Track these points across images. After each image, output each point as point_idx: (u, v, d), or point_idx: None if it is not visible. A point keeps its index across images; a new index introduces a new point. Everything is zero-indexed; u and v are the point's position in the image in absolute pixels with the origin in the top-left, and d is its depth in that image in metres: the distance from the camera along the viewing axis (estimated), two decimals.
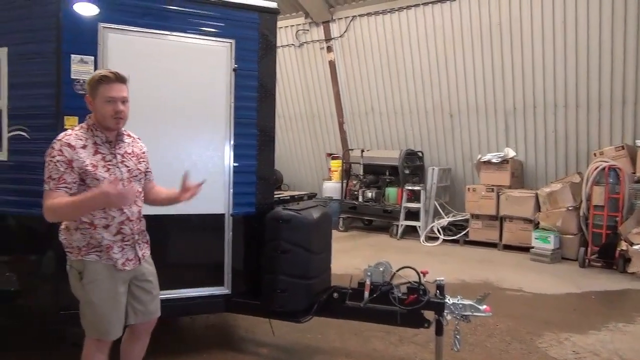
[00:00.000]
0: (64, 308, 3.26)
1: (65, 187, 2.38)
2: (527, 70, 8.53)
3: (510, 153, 8.55)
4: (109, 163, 2.53)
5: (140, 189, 2.70)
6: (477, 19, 8.73)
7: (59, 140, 2.45)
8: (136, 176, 2.66)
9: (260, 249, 3.69)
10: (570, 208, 7.60)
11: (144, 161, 2.74)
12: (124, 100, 2.52)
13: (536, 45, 8.32)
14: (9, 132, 3.38)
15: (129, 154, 2.65)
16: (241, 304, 3.77)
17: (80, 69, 3.23)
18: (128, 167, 2.61)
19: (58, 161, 2.39)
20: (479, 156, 8.82)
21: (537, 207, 7.99)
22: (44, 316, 3.43)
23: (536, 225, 7.90)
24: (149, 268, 2.78)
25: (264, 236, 3.68)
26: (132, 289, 2.69)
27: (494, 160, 8.51)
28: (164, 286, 2.93)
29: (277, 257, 3.57)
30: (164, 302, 2.93)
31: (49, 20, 3.24)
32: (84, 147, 2.46)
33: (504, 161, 8.48)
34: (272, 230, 3.63)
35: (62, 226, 2.58)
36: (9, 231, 3.58)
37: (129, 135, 2.71)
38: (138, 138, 2.78)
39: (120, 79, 2.51)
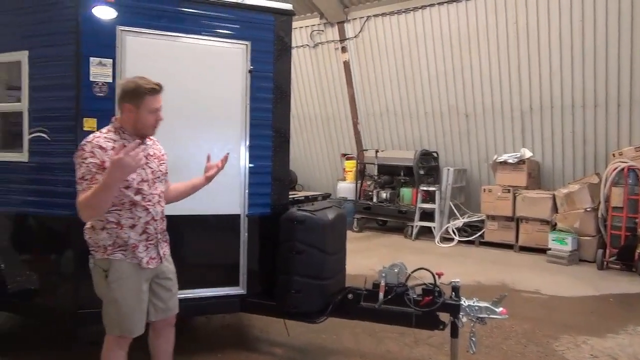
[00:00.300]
0: (82, 307, 3.32)
1: None
2: (544, 69, 8.43)
3: (527, 154, 8.46)
4: None
5: (163, 190, 2.79)
6: (493, 18, 8.66)
7: (90, 142, 2.51)
8: (158, 177, 2.75)
9: (275, 250, 3.70)
10: (588, 209, 7.50)
11: (164, 163, 2.83)
12: (161, 109, 2.66)
13: (553, 43, 8.22)
14: (30, 133, 3.45)
15: (152, 155, 2.74)
16: (256, 304, 3.79)
17: (99, 71, 3.28)
18: (152, 168, 2.70)
19: (90, 162, 2.45)
20: (495, 157, 8.74)
21: (555, 209, 7.90)
22: (63, 315, 3.49)
23: (553, 227, 7.81)
24: (169, 266, 2.86)
25: (279, 237, 3.69)
26: (153, 287, 2.76)
27: (510, 161, 8.43)
28: (180, 286, 2.97)
29: (291, 257, 3.58)
30: (180, 301, 2.97)
31: (68, 23, 3.30)
32: (113, 148, 2.50)
33: (521, 162, 8.39)
34: (287, 231, 3.64)
35: (88, 225, 2.63)
36: (29, 231, 3.65)
37: (149, 138, 2.78)
38: (157, 141, 2.85)
39: (162, 88, 2.63)
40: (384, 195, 9.79)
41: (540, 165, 8.91)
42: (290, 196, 4.22)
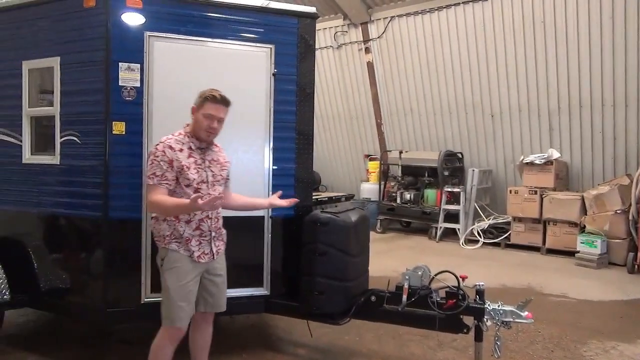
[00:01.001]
0: (111, 305, 3.41)
1: (167, 183, 2.77)
2: (572, 67, 8.24)
3: (555, 154, 8.30)
4: (199, 166, 2.88)
5: (221, 192, 2.99)
6: (519, 15, 8.51)
7: (162, 142, 2.83)
8: (218, 181, 2.99)
9: (298, 251, 3.73)
10: (618, 211, 7.30)
11: (225, 169, 3.07)
12: (220, 120, 2.90)
13: (582, 40, 8.03)
14: (61, 137, 3.55)
15: (215, 161, 2.99)
16: (280, 305, 3.83)
17: (128, 76, 3.35)
18: (213, 172, 2.95)
19: (161, 160, 2.77)
20: (522, 157, 8.60)
21: (583, 210, 7.72)
22: (92, 313, 3.58)
23: (582, 229, 7.64)
24: (222, 264, 3.06)
25: (302, 238, 3.71)
26: (203, 282, 2.97)
27: (537, 162, 8.28)
28: None
29: (314, 259, 3.60)
30: None
31: (98, 29, 3.38)
32: (181, 150, 2.83)
33: (548, 162, 8.24)
34: (310, 232, 3.66)
35: (153, 216, 2.94)
36: (60, 231, 3.76)
37: (216, 145, 3.06)
38: (222, 149, 3.12)
39: (224, 102, 2.89)
40: (407, 196, 9.73)
41: (568, 166, 8.73)
42: (314, 197, 4.23)
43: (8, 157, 3.81)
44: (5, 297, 3.55)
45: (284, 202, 3.24)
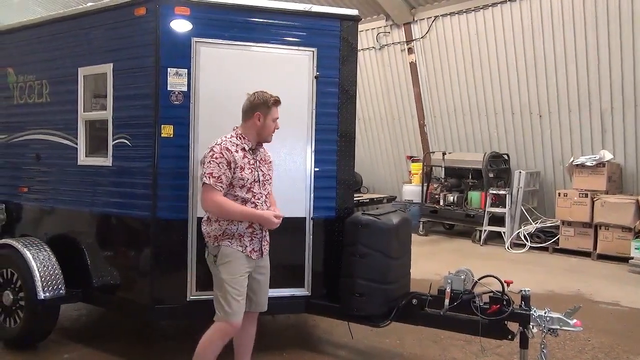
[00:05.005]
0: (158, 302, 3.54)
1: (222, 186, 2.88)
2: (627, 62, 7.90)
3: (607, 156, 7.97)
4: (252, 166, 3.00)
5: (270, 191, 3.14)
6: (569, 9, 8.23)
7: (219, 144, 2.93)
8: (267, 180, 3.13)
9: (339, 253, 3.75)
10: None
11: (271, 169, 3.20)
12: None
13: (638, 34, 7.66)
14: (114, 139, 3.71)
15: (263, 160, 3.13)
16: (320, 306, 3.85)
17: (175, 81, 3.47)
18: (262, 171, 3.08)
19: (220, 162, 2.87)
20: (571, 159, 8.30)
21: (638, 215, 7.39)
22: (141, 309, 3.72)
23: (637, 234, 7.30)
24: (267, 263, 3.20)
25: (343, 240, 3.73)
26: (249, 280, 3.05)
27: (588, 164, 7.98)
28: None
29: (355, 261, 3.61)
30: None
31: (148, 37, 3.52)
32: (236, 151, 2.95)
33: (600, 164, 7.92)
34: (351, 234, 3.67)
35: (205, 217, 3.04)
36: (111, 230, 3.93)
37: (262, 145, 3.16)
38: (267, 149, 3.21)
39: (280, 102, 3.06)
40: (451, 198, 9.57)
41: (622, 168, 8.37)
42: (356, 198, 4.23)
43: (65, 159, 4.02)
44: (61, 292, 3.76)
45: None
